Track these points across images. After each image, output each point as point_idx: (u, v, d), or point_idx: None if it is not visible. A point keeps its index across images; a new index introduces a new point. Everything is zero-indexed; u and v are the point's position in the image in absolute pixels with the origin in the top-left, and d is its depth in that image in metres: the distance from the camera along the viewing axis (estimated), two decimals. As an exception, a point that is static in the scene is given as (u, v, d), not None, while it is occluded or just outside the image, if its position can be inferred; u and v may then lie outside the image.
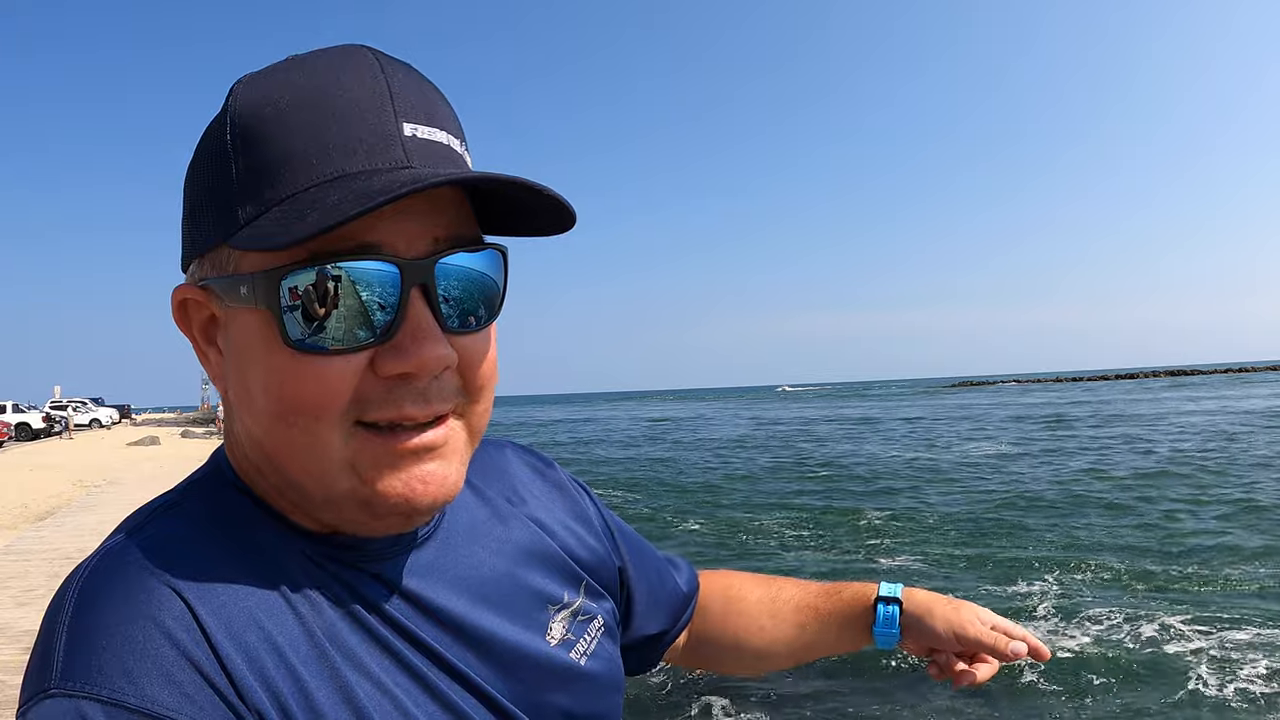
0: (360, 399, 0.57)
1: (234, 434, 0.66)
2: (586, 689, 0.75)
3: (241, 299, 0.58)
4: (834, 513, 15.05)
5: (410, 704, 0.61)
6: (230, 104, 0.60)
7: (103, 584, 0.56)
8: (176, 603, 0.54)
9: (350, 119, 0.57)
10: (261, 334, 0.57)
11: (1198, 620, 7.94)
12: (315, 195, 0.55)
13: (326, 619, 0.61)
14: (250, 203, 0.57)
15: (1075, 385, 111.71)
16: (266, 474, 0.63)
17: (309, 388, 0.56)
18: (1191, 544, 11.35)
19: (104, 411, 54.82)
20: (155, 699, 0.51)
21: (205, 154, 0.61)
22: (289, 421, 0.57)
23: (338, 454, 0.58)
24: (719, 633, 1.02)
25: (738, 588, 1.04)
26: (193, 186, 0.62)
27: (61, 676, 0.51)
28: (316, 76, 0.58)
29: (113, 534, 0.62)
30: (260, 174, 0.57)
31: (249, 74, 0.62)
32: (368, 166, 0.56)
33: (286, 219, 0.55)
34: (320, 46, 0.62)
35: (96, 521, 11.70)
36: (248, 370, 0.59)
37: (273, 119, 0.57)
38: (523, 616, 0.73)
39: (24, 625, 6.72)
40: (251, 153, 0.58)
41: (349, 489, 0.59)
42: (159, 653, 0.52)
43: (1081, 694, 6.61)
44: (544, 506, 0.83)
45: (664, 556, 1.00)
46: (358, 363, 0.57)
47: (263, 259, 0.57)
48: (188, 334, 0.64)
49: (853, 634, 0.97)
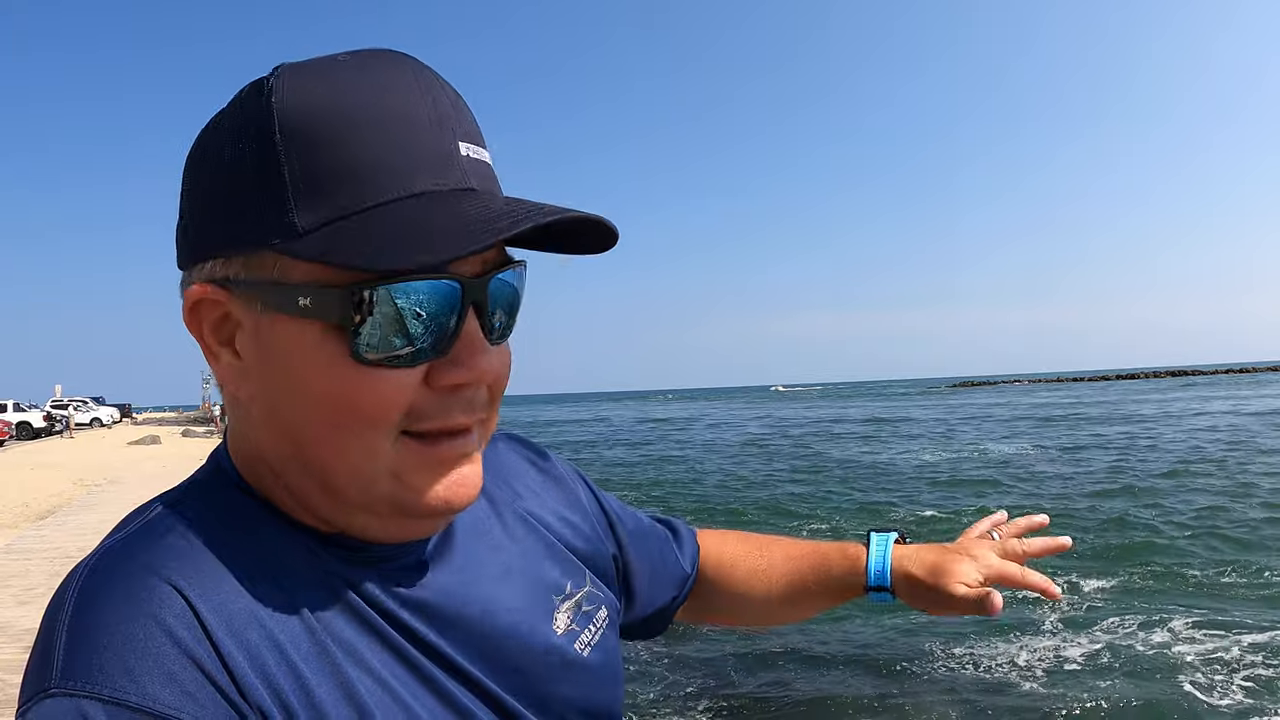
0: (414, 409, 0.59)
1: (241, 434, 0.65)
2: (590, 680, 0.75)
3: (299, 309, 0.56)
4: (870, 512, 14.85)
5: (411, 699, 0.61)
6: (275, 99, 0.57)
7: (103, 582, 0.55)
8: (177, 600, 0.54)
9: (416, 135, 0.57)
10: (320, 345, 0.57)
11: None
12: (398, 213, 0.55)
13: (328, 616, 0.60)
14: (310, 210, 0.56)
15: (1082, 385, 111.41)
16: (289, 477, 0.62)
17: (370, 399, 0.57)
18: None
19: (105, 410, 54.89)
20: (157, 697, 0.50)
21: (237, 147, 0.58)
22: (343, 430, 0.58)
23: (384, 461, 0.59)
24: (714, 594, 1.04)
25: (729, 555, 1.04)
26: (215, 180, 0.59)
27: (62, 675, 0.51)
28: (376, 86, 0.57)
29: (113, 532, 0.62)
30: (322, 181, 0.56)
31: (287, 67, 0.59)
32: (435, 186, 0.57)
33: (377, 237, 0.54)
34: (353, 49, 0.60)
35: (97, 520, 11.71)
36: (297, 379, 0.58)
37: (336, 125, 0.56)
38: (527, 610, 0.73)
39: (25, 624, 6.73)
40: (308, 157, 0.56)
41: (389, 493, 0.60)
42: (160, 651, 0.52)
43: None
44: (540, 499, 0.84)
45: (663, 530, 1.01)
46: (416, 375, 0.58)
47: (327, 270, 0.56)
48: (197, 334, 0.62)
49: (840, 595, 1.00)
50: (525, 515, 0.81)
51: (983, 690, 6.86)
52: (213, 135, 0.60)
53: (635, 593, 0.93)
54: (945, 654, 7.68)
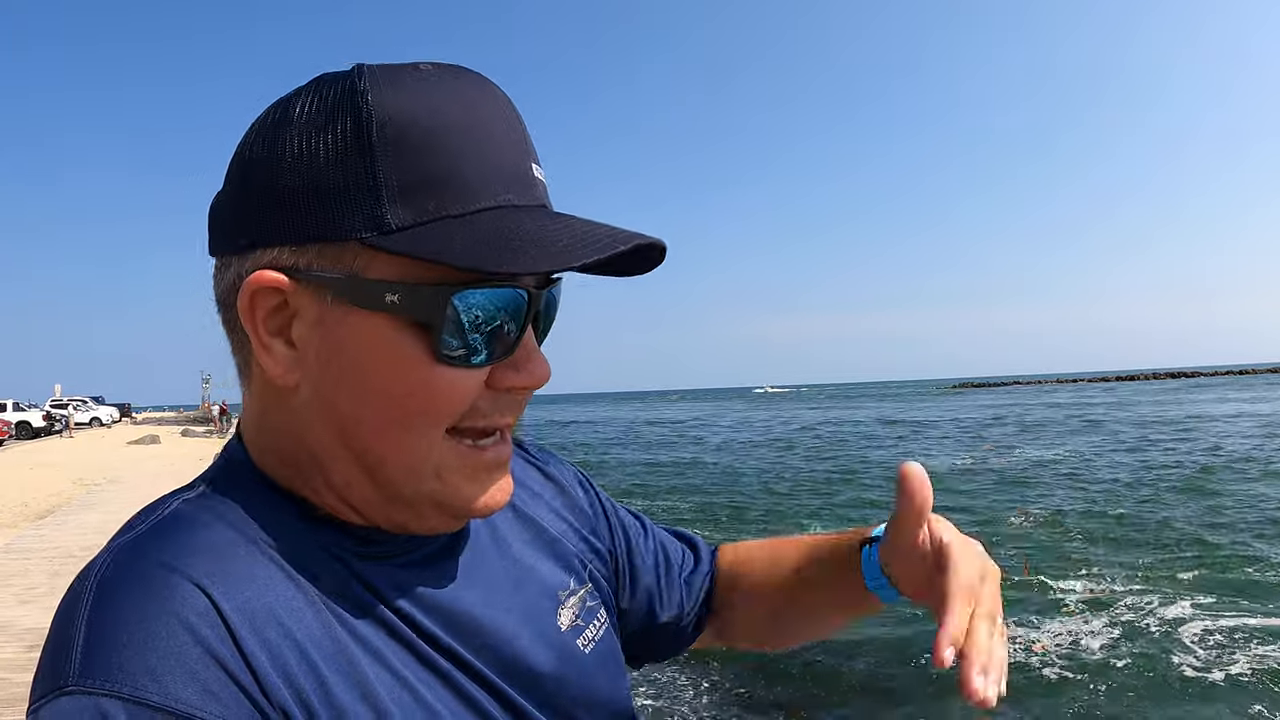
0: (470, 409, 0.61)
1: (272, 427, 0.64)
2: (596, 675, 0.76)
3: (385, 305, 0.57)
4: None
5: (432, 698, 0.61)
6: (370, 98, 0.58)
7: (122, 578, 0.54)
8: (200, 598, 0.53)
9: (501, 151, 0.60)
10: (401, 342, 0.58)
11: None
12: (488, 220, 0.58)
13: (346, 615, 0.60)
14: (404, 209, 0.57)
15: (1090, 386, 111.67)
16: (335, 469, 0.62)
17: (442, 397, 0.60)
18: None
19: (104, 410, 54.97)
20: (179, 696, 0.49)
21: (328, 139, 0.58)
22: (406, 424, 0.60)
23: (435, 457, 0.62)
24: (729, 605, 0.98)
25: (744, 555, 0.99)
26: (296, 167, 0.58)
27: (80, 673, 0.50)
28: (466, 100, 0.60)
29: (126, 528, 0.60)
30: (419, 184, 0.57)
31: (372, 67, 0.60)
32: (521, 201, 0.60)
33: (476, 241, 0.57)
34: (436, 61, 0.62)
35: (97, 520, 11.73)
36: (369, 373, 0.59)
37: (431, 131, 0.58)
38: (532, 607, 0.73)
39: (25, 623, 6.71)
40: (405, 159, 0.57)
41: (433, 490, 0.62)
42: (183, 649, 0.51)
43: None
44: (542, 499, 0.85)
45: (675, 541, 0.98)
46: (481, 376, 0.61)
47: (413, 269, 0.58)
48: (249, 320, 0.60)
49: (852, 590, 0.84)
50: (528, 514, 0.82)
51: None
52: (291, 126, 0.59)
53: (629, 600, 0.90)
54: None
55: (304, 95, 0.61)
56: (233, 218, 0.62)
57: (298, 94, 0.61)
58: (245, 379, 0.65)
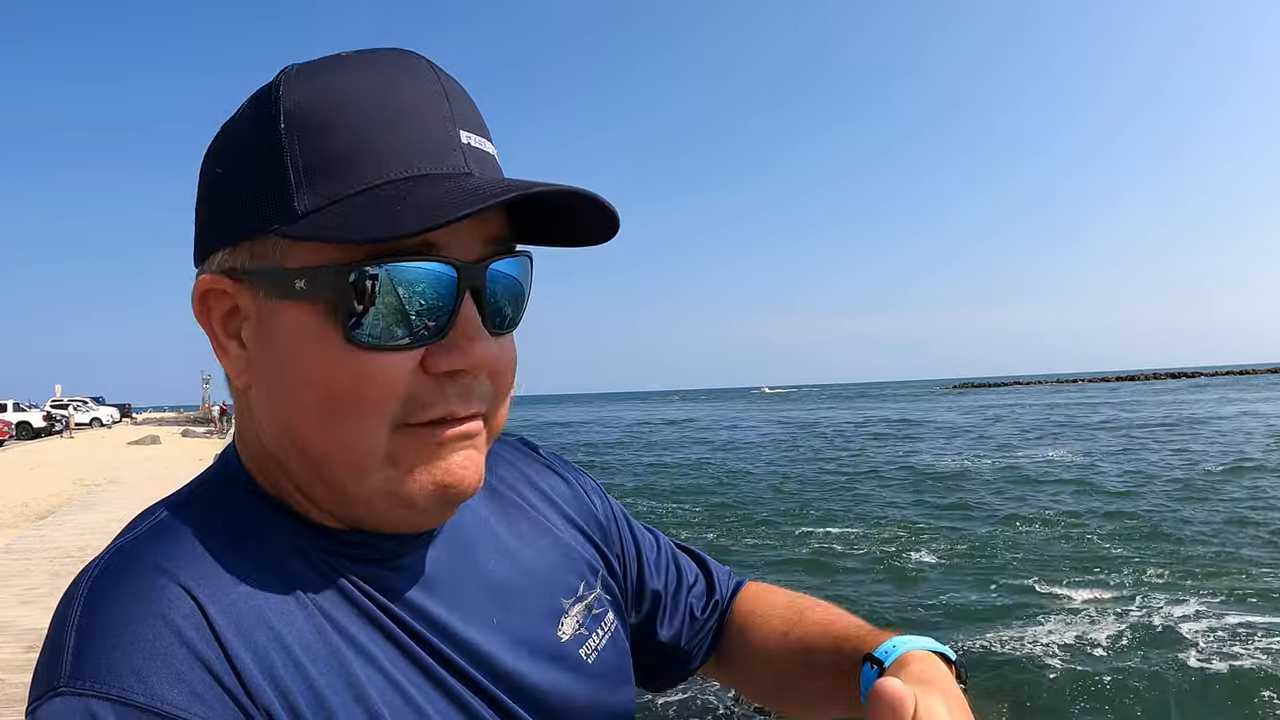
0: (411, 397, 0.59)
1: (250, 430, 0.65)
2: (598, 684, 0.75)
3: (296, 293, 0.57)
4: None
5: (423, 701, 0.61)
6: (279, 93, 0.59)
7: (113, 582, 0.56)
8: (186, 601, 0.54)
9: (416, 121, 0.58)
10: (317, 328, 0.57)
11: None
12: (392, 192, 0.56)
13: (337, 617, 0.61)
14: (310, 193, 0.57)
15: (1092, 386, 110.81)
16: (291, 470, 0.62)
17: (366, 384, 0.57)
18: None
19: (105, 410, 54.77)
20: (164, 698, 0.50)
21: (245, 140, 0.60)
22: (339, 416, 0.58)
23: (381, 449, 0.59)
24: (734, 650, 0.93)
25: (763, 608, 0.92)
26: (225, 173, 0.61)
27: (71, 675, 0.51)
28: (379, 76, 0.59)
29: (123, 532, 0.62)
30: (323, 166, 0.57)
31: (295, 65, 0.61)
32: (434, 170, 0.58)
33: (369, 213, 0.55)
34: (361, 49, 0.62)
35: (97, 520, 11.71)
36: (294, 364, 0.59)
37: (336, 112, 0.57)
38: (533, 612, 0.73)
39: (26, 624, 6.71)
40: (311, 144, 0.57)
41: (384, 483, 0.60)
42: (169, 651, 0.52)
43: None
44: (550, 500, 0.83)
45: (690, 563, 0.95)
46: (411, 360, 0.58)
47: (325, 252, 0.57)
48: (206, 326, 0.62)
49: (852, 694, 0.79)
50: (534, 516, 0.80)
51: (1010, 675, 6.85)
52: (223, 133, 0.63)
53: (644, 609, 0.88)
54: (968, 638, 7.66)
55: (241, 106, 0.63)
56: (196, 231, 0.64)
57: (241, 105, 0.63)
58: (230, 387, 0.66)
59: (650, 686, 0.92)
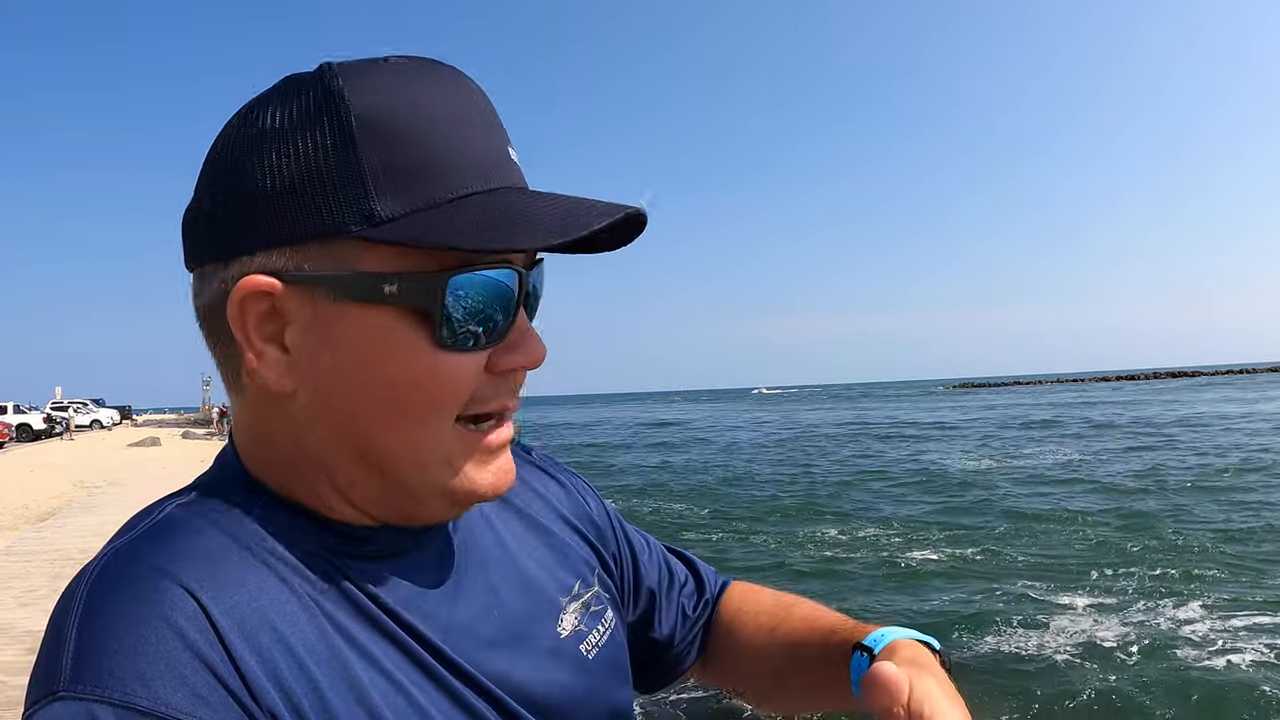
0: (474, 394, 0.62)
1: (264, 433, 0.64)
2: (598, 680, 0.75)
3: (384, 297, 0.58)
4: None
5: (425, 701, 0.61)
6: (346, 94, 0.58)
7: (113, 584, 0.55)
8: (189, 603, 0.53)
9: (479, 135, 0.61)
10: (401, 331, 0.58)
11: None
12: (476, 203, 0.58)
13: (340, 618, 0.60)
14: (393, 200, 0.57)
15: (1095, 385, 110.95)
16: (336, 469, 0.62)
17: (445, 384, 0.60)
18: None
19: (105, 412, 54.85)
20: (168, 701, 0.49)
21: (307, 140, 0.58)
22: (414, 415, 0.60)
23: (443, 446, 0.62)
24: (722, 649, 0.95)
25: (750, 606, 0.95)
26: (280, 172, 0.58)
27: (71, 679, 0.50)
28: (439, 88, 0.61)
29: (120, 533, 0.61)
30: (404, 173, 0.57)
31: (343, 65, 0.60)
32: (503, 183, 0.61)
33: (475, 223, 0.57)
34: (395, 54, 0.62)
35: (98, 522, 11.72)
36: (372, 366, 0.59)
37: (412, 122, 0.58)
38: (532, 610, 0.73)
39: (25, 626, 6.71)
40: (389, 150, 0.57)
41: (440, 479, 0.63)
42: (172, 654, 0.51)
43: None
44: (546, 500, 0.84)
45: (679, 563, 0.97)
46: (480, 360, 0.61)
47: (410, 258, 0.58)
48: (240, 328, 0.59)
49: (841, 685, 0.81)
50: (534, 517, 0.81)
51: (1016, 677, 6.86)
52: (269, 130, 0.59)
53: (637, 609, 0.90)
54: (975, 638, 7.65)
55: (277, 99, 0.60)
56: (213, 227, 0.61)
57: (270, 98, 0.61)
58: (236, 390, 0.64)
59: (644, 688, 0.93)
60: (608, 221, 0.58)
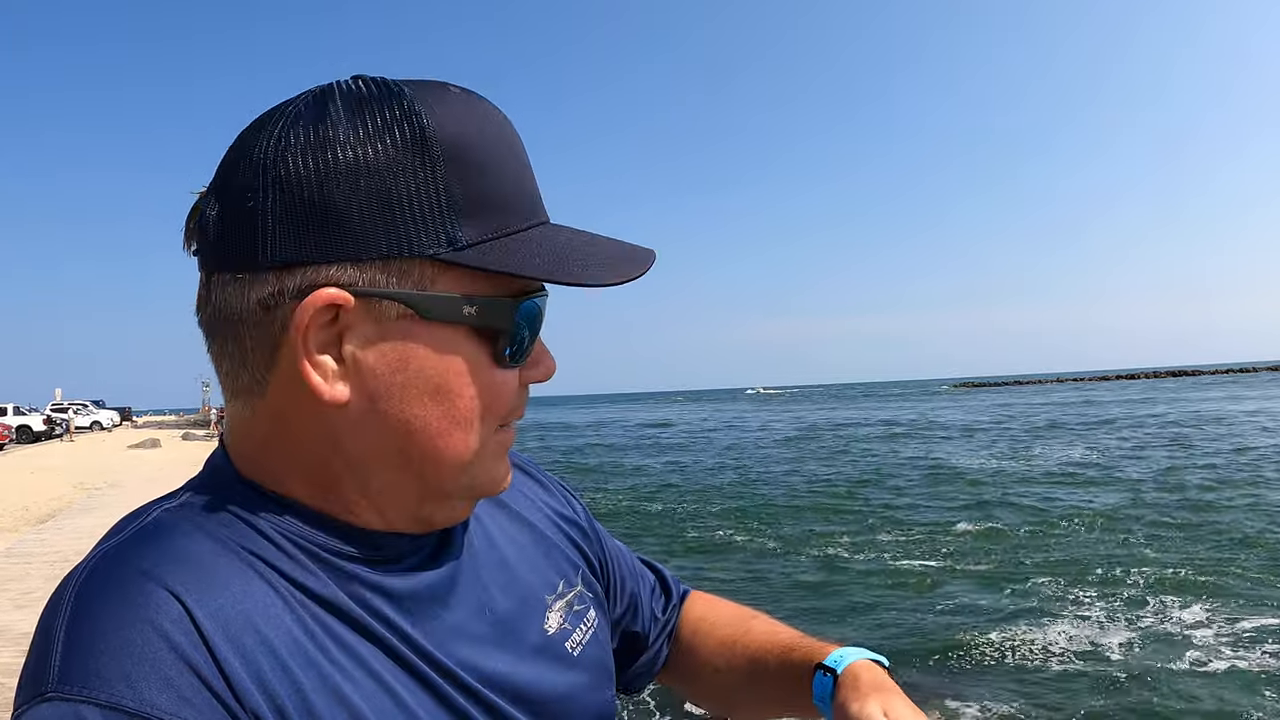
0: (513, 406, 0.67)
1: (293, 442, 0.63)
2: (583, 678, 0.76)
3: (462, 317, 0.61)
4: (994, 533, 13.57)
5: (412, 702, 0.62)
6: (424, 119, 0.59)
7: (100, 587, 0.55)
8: (174, 605, 0.54)
9: (527, 170, 0.66)
10: (469, 349, 0.62)
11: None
12: (536, 236, 0.64)
13: (326, 619, 0.61)
14: (471, 226, 0.60)
15: (1098, 385, 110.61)
16: (368, 473, 0.63)
17: (499, 397, 0.65)
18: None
19: (105, 414, 54.84)
20: (153, 703, 0.50)
21: (386, 154, 0.58)
22: (469, 424, 0.64)
23: (485, 450, 0.66)
24: (685, 657, 0.99)
25: (711, 616, 1.00)
26: (352, 188, 0.57)
27: (59, 680, 0.51)
28: (500, 123, 0.65)
29: (108, 536, 0.61)
30: (480, 202, 0.61)
31: (411, 84, 0.61)
32: (545, 218, 0.66)
33: (549, 256, 0.62)
34: (439, 80, 0.65)
35: (97, 524, 11.69)
36: (438, 381, 0.62)
37: (489, 151, 0.62)
38: (518, 609, 0.74)
39: (23, 628, 6.73)
40: (471, 176, 0.61)
41: (472, 479, 0.66)
42: (157, 656, 0.52)
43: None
44: (531, 500, 0.86)
45: (651, 575, 1.01)
46: (516, 375, 0.67)
47: (480, 283, 0.62)
48: (301, 336, 0.58)
49: (800, 698, 0.86)
50: (522, 516, 0.83)
51: (1024, 677, 6.85)
52: (338, 138, 0.58)
53: (620, 607, 0.93)
54: (983, 639, 7.65)
55: (346, 109, 0.59)
56: (263, 233, 0.58)
57: (332, 106, 0.59)
58: (253, 396, 0.62)
59: (623, 688, 0.96)
60: (643, 271, 0.65)
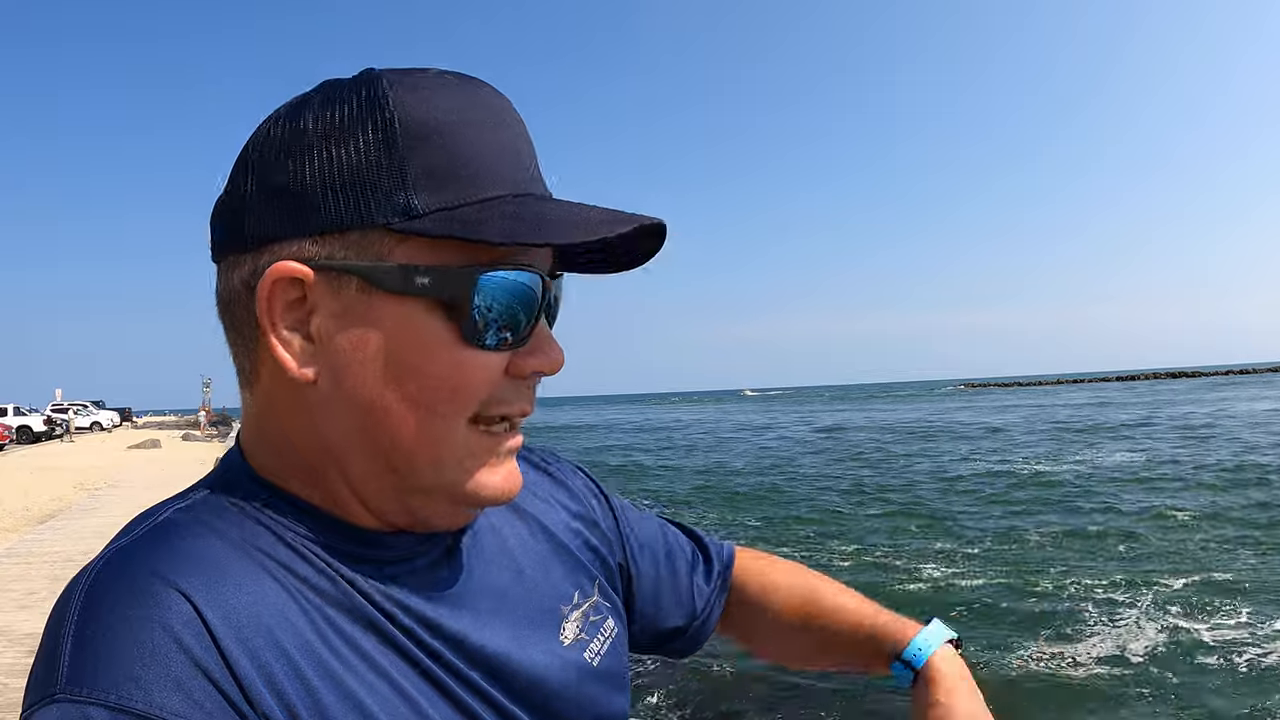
0: (491, 396, 0.62)
1: (280, 427, 0.63)
2: (597, 690, 0.75)
3: (415, 288, 0.59)
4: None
5: (428, 707, 0.61)
6: (388, 97, 0.60)
7: (109, 587, 0.55)
8: (185, 606, 0.53)
9: (518, 147, 0.64)
10: (429, 324, 0.60)
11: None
12: (509, 205, 0.60)
13: (340, 622, 0.60)
14: (427, 196, 0.59)
15: (1106, 386, 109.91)
16: (349, 465, 0.62)
17: (469, 380, 0.61)
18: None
19: (105, 414, 54.79)
20: (162, 704, 0.50)
21: (348, 135, 0.59)
22: (434, 410, 0.61)
23: (457, 445, 0.62)
24: (745, 619, 1.00)
25: (771, 582, 1.00)
26: (316, 168, 0.59)
27: (68, 681, 0.50)
28: (482, 99, 0.63)
29: (119, 535, 0.61)
30: (439, 173, 0.59)
31: (387, 72, 0.62)
32: (537, 192, 0.63)
33: (506, 221, 0.59)
34: (406, 65, 0.64)
35: (98, 524, 11.73)
36: (398, 357, 0.60)
37: (455, 125, 0.60)
38: (534, 619, 0.73)
39: (25, 628, 6.72)
40: (427, 150, 0.59)
41: (453, 480, 0.63)
42: (167, 657, 0.51)
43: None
44: (549, 505, 0.84)
45: (689, 546, 0.98)
46: (502, 361, 0.62)
47: (440, 253, 0.59)
48: (266, 314, 0.60)
49: (873, 669, 0.93)
50: (534, 521, 0.81)
51: (1040, 686, 6.87)
52: (312, 125, 0.60)
53: (637, 606, 0.91)
54: (1006, 647, 7.65)
55: (321, 97, 0.62)
56: (245, 216, 0.61)
57: (312, 96, 0.62)
58: (249, 382, 0.64)
59: (677, 656, 0.99)
60: (629, 228, 0.60)
